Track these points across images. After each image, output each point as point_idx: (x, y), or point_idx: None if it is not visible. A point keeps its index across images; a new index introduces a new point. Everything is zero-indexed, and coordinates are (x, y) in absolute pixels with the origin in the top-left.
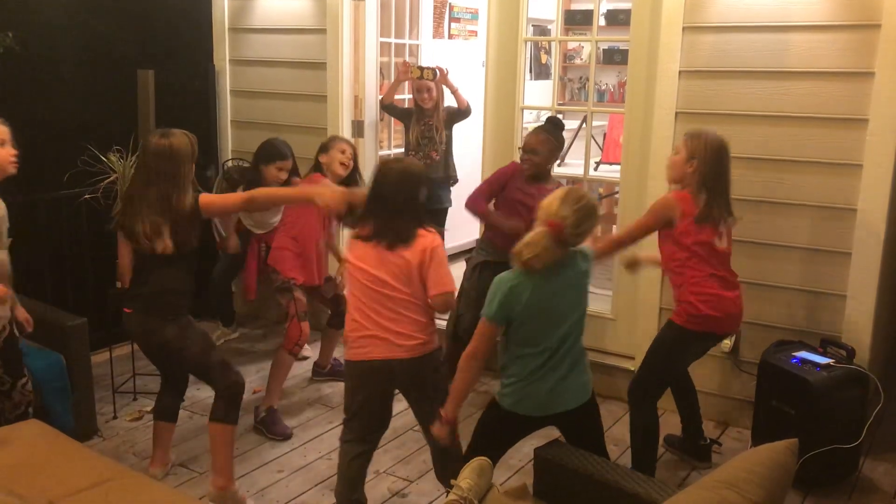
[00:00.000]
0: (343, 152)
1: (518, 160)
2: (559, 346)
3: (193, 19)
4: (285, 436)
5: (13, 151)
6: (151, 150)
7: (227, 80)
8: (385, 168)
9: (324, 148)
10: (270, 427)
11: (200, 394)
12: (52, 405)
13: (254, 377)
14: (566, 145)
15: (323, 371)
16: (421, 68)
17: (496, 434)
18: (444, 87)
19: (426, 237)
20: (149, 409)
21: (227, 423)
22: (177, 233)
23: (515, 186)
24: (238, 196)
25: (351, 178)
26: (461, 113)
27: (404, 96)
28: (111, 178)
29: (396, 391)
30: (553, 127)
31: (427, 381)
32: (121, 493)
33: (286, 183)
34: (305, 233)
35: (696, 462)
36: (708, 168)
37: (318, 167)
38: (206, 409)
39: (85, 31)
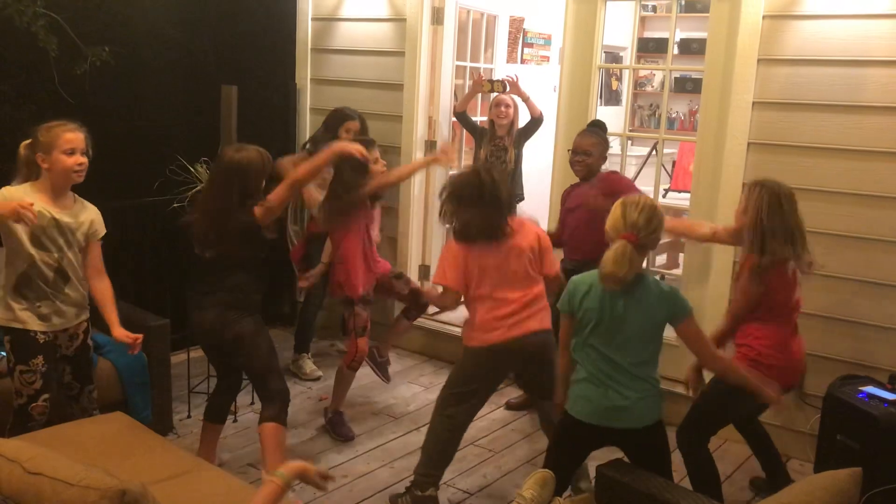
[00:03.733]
0: (377, 161)
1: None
2: (622, 361)
3: (277, 39)
4: (348, 437)
5: (81, 160)
6: (224, 164)
7: (307, 97)
8: (462, 176)
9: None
10: (336, 428)
11: None
12: (133, 399)
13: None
14: (635, 171)
15: (381, 359)
16: (491, 81)
17: (563, 441)
18: (517, 105)
19: (526, 225)
20: None
21: (279, 421)
22: (226, 244)
23: (570, 198)
24: (281, 186)
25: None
26: (535, 122)
27: (478, 118)
28: (197, 188)
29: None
30: (599, 129)
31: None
32: (199, 484)
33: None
34: (347, 238)
35: None
36: (767, 218)
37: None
38: None
39: (174, 47)
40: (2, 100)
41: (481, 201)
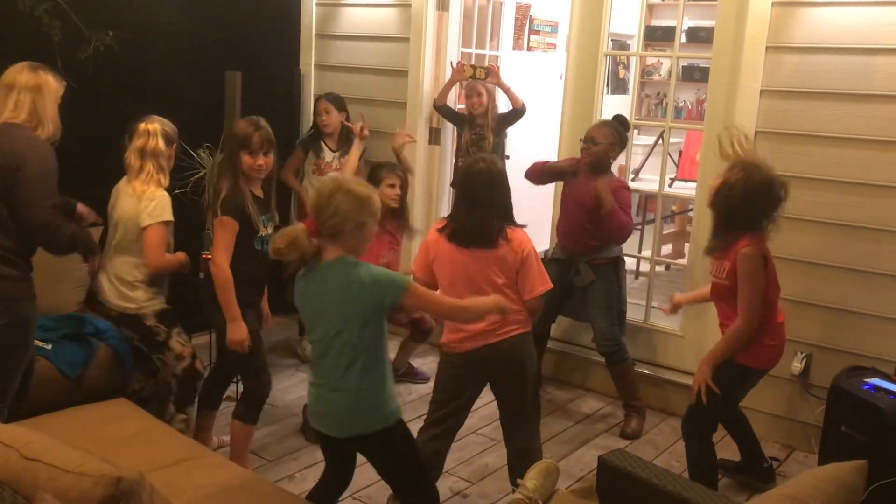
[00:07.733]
0: (392, 186)
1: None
2: (319, 356)
3: (282, 25)
4: (424, 378)
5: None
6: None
7: (311, 84)
8: (470, 168)
9: (373, 179)
10: (412, 377)
11: (277, 385)
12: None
13: None
14: (642, 160)
15: (398, 373)
16: (473, 67)
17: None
18: (496, 93)
19: (517, 235)
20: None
21: (246, 422)
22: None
23: (570, 182)
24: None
25: (401, 211)
26: (516, 113)
27: (458, 105)
28: (200, 174)
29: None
30: (618, 123)
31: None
32: (201, 472)
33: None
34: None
35: (760, 484)
36: (737, 205)
37: None
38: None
39: (178, 32)
40: None
41: (488, 202)
